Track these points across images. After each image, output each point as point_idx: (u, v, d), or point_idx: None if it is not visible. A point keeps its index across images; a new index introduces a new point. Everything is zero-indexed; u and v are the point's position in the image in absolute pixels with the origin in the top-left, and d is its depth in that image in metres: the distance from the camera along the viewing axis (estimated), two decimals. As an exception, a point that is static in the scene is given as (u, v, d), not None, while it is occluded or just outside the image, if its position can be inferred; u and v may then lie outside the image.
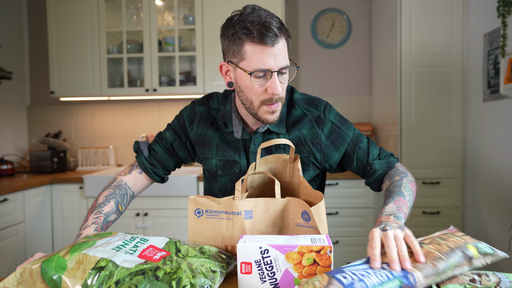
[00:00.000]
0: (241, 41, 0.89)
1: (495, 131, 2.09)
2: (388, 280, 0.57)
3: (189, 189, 2.37)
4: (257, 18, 0.87)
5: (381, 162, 1.01)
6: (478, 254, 0.64)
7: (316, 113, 1.02)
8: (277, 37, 0.87)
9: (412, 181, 0.96)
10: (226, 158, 1.03)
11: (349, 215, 2.43)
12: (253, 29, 0.86)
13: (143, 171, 1.10)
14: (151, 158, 1.09)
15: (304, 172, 1.02)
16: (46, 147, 2.85)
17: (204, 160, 1.07)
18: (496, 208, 2.09)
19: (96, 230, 0.91)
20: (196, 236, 0.83)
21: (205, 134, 1.05)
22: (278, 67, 0.89)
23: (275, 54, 0.87)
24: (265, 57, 0.87)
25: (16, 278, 0.65)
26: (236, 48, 0.90)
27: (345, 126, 1.04)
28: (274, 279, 0.67)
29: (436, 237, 0.69)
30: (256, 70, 0.88)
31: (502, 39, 1.90)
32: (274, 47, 0.87)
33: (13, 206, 2.18)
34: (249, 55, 0.88)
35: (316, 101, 1.04)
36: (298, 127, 1.01)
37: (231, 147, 1.03)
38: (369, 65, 2.98)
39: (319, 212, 0.75)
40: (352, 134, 1.03)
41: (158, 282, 0.63)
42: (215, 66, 2.63)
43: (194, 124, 1.07)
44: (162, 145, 1.10)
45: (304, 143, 1.01)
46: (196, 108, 1.08)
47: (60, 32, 2.69)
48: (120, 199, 1.03)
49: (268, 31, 0.86)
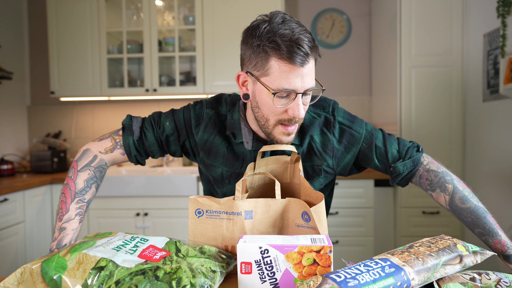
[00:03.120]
0: (267, 56, 0.80)
1: (495, 131, 2.09)
2: (380, 277, 0.58)
3: (189, 189, 2.37)
4: (289, 32, 0.78)
5: (405, 163, 0.94)
6: (467, 252, 0.66)
7: (324, 115, 0.96)
8: (307, 56, 0.79)
9: (460, 180, 0.92)
10: (233, 170, 0.96)
11: (349, 215, 2.44)
12: (283, 45, 0.77)
13: (125, 154, 1.00)
14: (140, 143, 0.99)
15: (314, 180, 0.98)
16: (46, 147, 2.85)
17: (210, 167, 0.99)
18: (496, 208, 2.09)
19: (80, 222, 0.87)
20: (196, 236, 0.83)
21: (212, 141, 0.97)
22: (304, 89, 0.81)
23: (303, 74, 0.79)
24: (292, 77, 0.79)
25: (16, 278, 0.65)
26: (260, 61, 0.81)
27: (356, 124, 0.97)
28: (274, 279, 0.67)
29: (425, 241, 0.70)
30: (280, 90, 0.80)
31: (502, 39, 1.91)
32: (304, 67, 0.79)
33: (13, 206, 2.18)
34: (274, 72, 0.80)
35: (323, 102, 0.98)
36: (308, 134, 0.95)
37: (239, 159, 0.96)
38: (369, 65, 2.98)
39: (318, 213, 0.75)
40: (365, 132, 0.97)
41: (158, 282, 0.63)
42: (215, 66, 2.63)
43: (201, 128, 0.98)
44: (156, 134, 1.00)
45: (316, 150, 0.95)
46: (204, 110, 0.99)
47: (60, 32, 2.69)
48: (100, 181, 0.96)
49: (299, 50, 0.77)
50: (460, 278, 0.64)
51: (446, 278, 0.65)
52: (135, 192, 2.38)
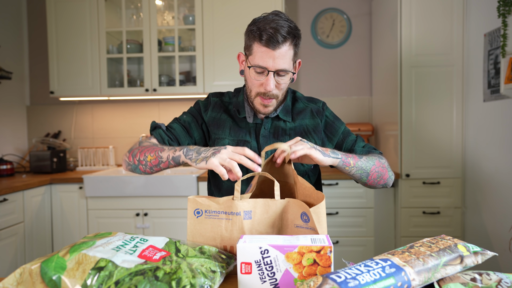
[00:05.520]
0: (252, 39, 1.03)
1: (495, 131, 2.09)
2: (381, 278, 0.57)
3: (189, 189, 2.37)
4: (270, 23, 0.99)
5: (363, 150, 1.15)
6: (468, 252, 0.66)
7: (316, 106, 1.19)
8: (280, 43, 0.99)
9: (382, 161, 1.09)
10: (238, 138, 1.14)
11: (349, 215, 2.43)
12: (263, 32, 0.99)
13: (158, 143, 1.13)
14: (169, 132, 1.15)
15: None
16: (45, 147, 2.84)
17: (217, 141, 1.15)
18: (496, 208, 2.09)
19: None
20: (195, 236, 0.83)
21: (219, 117, 1.17)
22: (275, 68, 1.01)
23: (275, 57, 1.00)
24: (265, 58, 1.01)
25: (15, 278, 0.64)
26: (249, 43, 1.05)
27: (337, 121, 1.20)
28: (274, 279, 0.67)
29: (426, 241, 0.70)
30: (255, 66, 1.02)
31: (503, 39, 1.90)
32: (275, 51, 0.99)
33: (13, 206, 2.18)
34: (255, 52, 1.02)
35: (316, 100, 1.22)
36: (301, 117, 1.16)
37: (243, 130, 1.15)
38: (369, 65, 2.98)
39: (318, 214, 0.75)
40: (343, 128, 1.19)
41: (158, 282, 0.63)
42: (215, 66, 2.63)
43: (209, 109, 1.19)
44: (180, 123, 1.18)
45: (307, 131, 1.15)
46: (210, 98, 1.21)
47: (60, 32, 2.69)
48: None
49: (273, 37, 0.98)
50: (461, 278, 0.64)
51: (447, 279, 0.64)
52: (135, 192, 2.38)
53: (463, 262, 0.65)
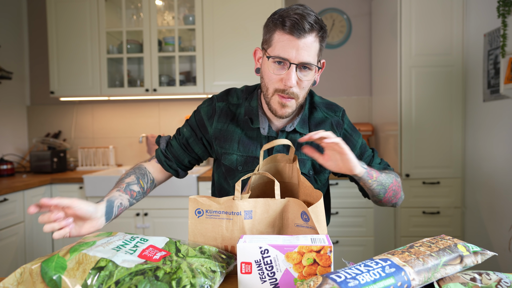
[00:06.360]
0: (273, 30, 0.91)
1: (495, 131, 2.09)
2: (381, 278, 0.57)
3: (189, 189, 2.37)
4: (296, 10, 0.88)
5: (379, 166, 1.09)
6: (468, 252, 0.66)
7: (336, 118, 1.07)
8: (306, 32, 0.87)
9: (398, 180, 1.05)
10: (248, 154, 1.03)
11: (349, 215, 2.43)
12: (287, 19, 0.87)
13: (158, 163, 1.12)
14: (167, 151, 1.11)
15: (320, 175, 1.06)
16: (46, 147, 2.84)
17: (223, 155, 1.06)
18: (496, 208, 2.09)
19: (118, 191, 0.95)
20: (196, 236, 0.83)
21: (226, 129, 1.05)
22: (298, 61, 0.88)
23: (299, 47, 0.87)
24: (287, 47, 0.88)
25: (16, 278, 0.65)
26: (268, 36, 0.92)
27: (355, 134, 1.10)
28: (274, 279, 0.67)
29: (426, 241, 0.70)
30: (274, 56, 0.89)
31: (502, 39, 1.90)
32: (300, 40, 0.87)
33: (13, 206, 2.18)
34: (275, 42, 0.90)
35: (335, 107, 1.10)
36: (321, 128, 1.04)
37: (253, 143, 1.03)
38: (369, 65, 2.98)
39: (316, 212, 0.75)
40: (361, 142, 1.10)
41: (158, 282, 0.63)
42: (215, 66, 2.63)
43: (214, 119, 1.06)
44: (178, 140, 1.12)
45: None
46: (215, 104, 1.08)
47: (60, 32, 2.69)
48: (140, 175, 1.05)
49: (298, 24, 0.86)
50: (461, 278, 0.64)
51: (447, 278, 0.65)
52: (135, 192, 2.37)
53: (462, 262, 0.65)
